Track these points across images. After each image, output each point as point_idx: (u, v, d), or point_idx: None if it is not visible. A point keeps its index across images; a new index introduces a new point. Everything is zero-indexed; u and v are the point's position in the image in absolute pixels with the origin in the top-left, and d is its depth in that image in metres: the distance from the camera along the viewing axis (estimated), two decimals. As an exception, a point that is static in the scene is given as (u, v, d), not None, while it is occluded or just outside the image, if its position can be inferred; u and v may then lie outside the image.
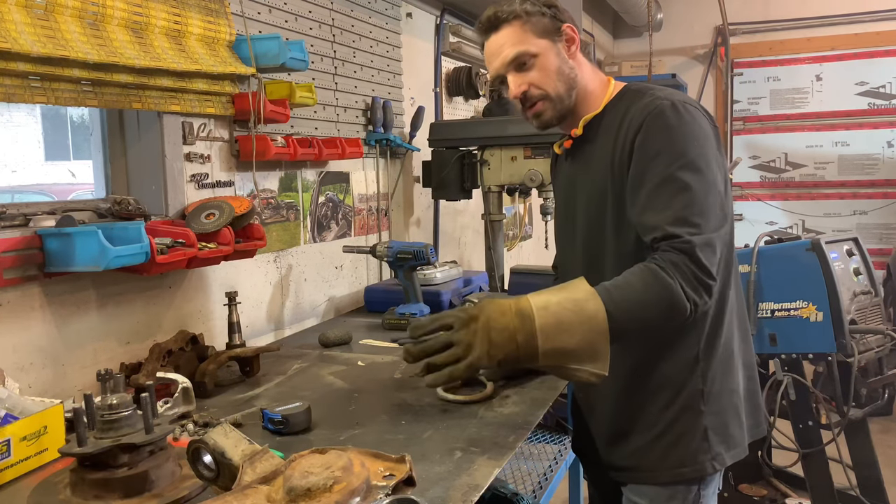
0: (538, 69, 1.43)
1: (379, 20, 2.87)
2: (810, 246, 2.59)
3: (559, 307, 1.24)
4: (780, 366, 2.66)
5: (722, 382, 1.43)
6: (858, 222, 5.69)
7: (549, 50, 1.44)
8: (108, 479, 1.08)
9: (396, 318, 2.24)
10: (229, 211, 1.81)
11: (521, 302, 1.26)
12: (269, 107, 2.03)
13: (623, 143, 1.37)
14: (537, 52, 1.43)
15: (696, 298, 1.25)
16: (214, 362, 1.66)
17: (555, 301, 1.25)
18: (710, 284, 1.26)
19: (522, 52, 1.42)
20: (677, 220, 1.27)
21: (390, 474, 1.03)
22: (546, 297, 1.27)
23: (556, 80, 1.44)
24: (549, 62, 1.43)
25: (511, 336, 1.23)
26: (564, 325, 1.22)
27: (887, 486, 2.78)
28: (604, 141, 1.43)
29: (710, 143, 1.35)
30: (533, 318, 1.23)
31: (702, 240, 1.25)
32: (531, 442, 2.56)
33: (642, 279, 1.26)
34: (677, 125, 1.32)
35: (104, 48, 1.60)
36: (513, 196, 3.22)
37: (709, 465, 1.41)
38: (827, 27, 5.64)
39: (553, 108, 1.46)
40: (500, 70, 1.46)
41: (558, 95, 1.45)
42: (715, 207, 1.30)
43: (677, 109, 1.34)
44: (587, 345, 1.22)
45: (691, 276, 1.24)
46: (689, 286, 1.24)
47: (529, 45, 1.42)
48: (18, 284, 1.51)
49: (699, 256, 1.24)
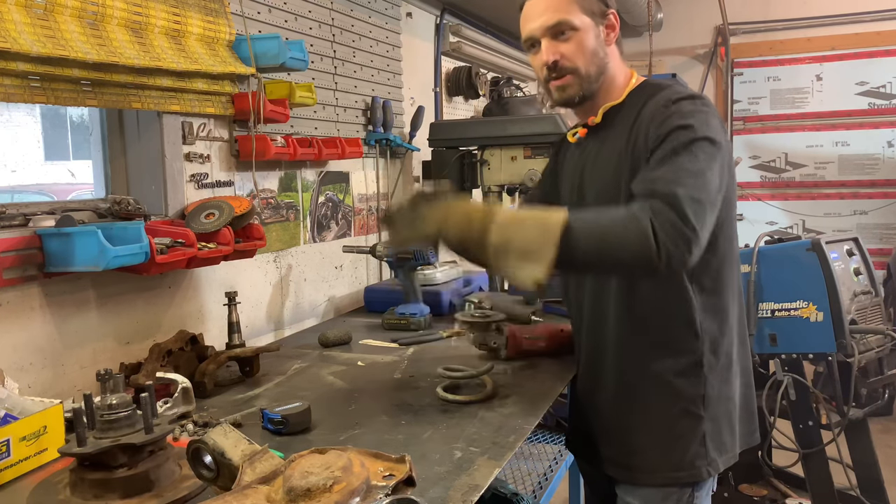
0: (575, 43, 1.41)
1: (379, 20, 2.87)
2: (810, 246, 2.59)
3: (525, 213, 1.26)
4: (780, 366, 2.66)
5: (721, 389, 1.43)
6: (858, 222, 5.68)
7: (591, 29, 1.42)
8: (108, 479, 1.08)
9: (396, 318, 2.24)
10: (229, 211, 1.81)
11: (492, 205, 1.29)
12: (268, 107, 2.03)
13: (638, 134, 1.37)
14: (579, 27, 1.41)
15: (669, 247, 1.17)
16: (214, 362, 1.66)
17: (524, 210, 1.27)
18: (689, 237, 1.18)
19: (565, 20, 1.40)
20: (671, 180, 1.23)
21: (390, 474, 1.03)
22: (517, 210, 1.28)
23: (589, 60, 1.43)
24: (588, 40, 1.42)
25: (467, 218, 1.24)
26: (519, 220, 1.24)
27: (887, 486, 2.78)
28: (619, 131, 1.43)
29: (723, 137, 1.34)
30: (495, 212, 1.25)
31: (690, 194, 1.20)
32: (531, 442, 2.56)
33: (618, 214, 1.24)
34: (696, 111, 1.33)
35: (104, 48, 1.60)
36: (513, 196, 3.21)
37: (704, 470, 1.41)
38: (827, 27, 5.64)
39: (579, 86, 1.44)
40: (535, 32, 1.43)
41: (587, 74, 1.43)
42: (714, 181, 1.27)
43: (695, 100, 1.35)
44: (534, 244, 1.20)
45: (669, 225, 1.17)
46: (663, 232, 1.17)
47: (573, 17, 1.41)
48: (18, 284, 1.51)
49: (683, 208, 1.18)
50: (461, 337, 2.05)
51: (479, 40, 3.66)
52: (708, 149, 1.27)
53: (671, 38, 5.98)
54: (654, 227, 1.17)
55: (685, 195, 1.20)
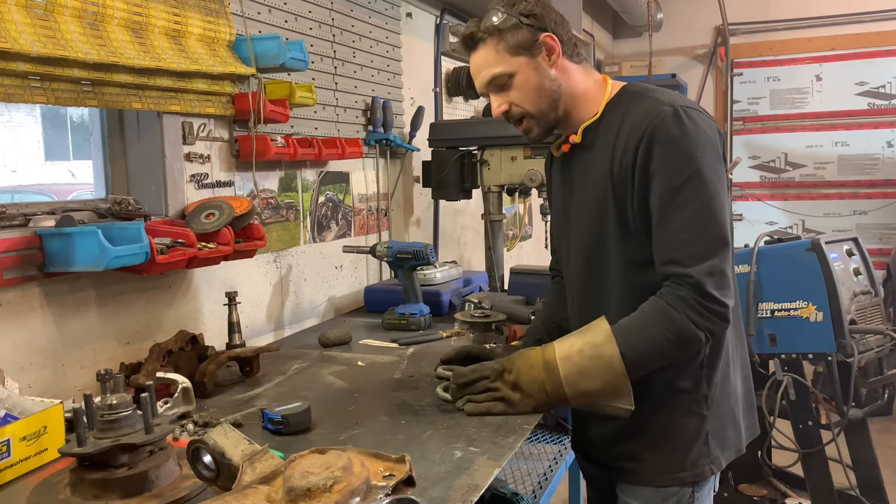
0: (517, 88, 1.41)
1: (379, 20, 2.87)
2: (810, 246, 2.59)
3: (580, 356, 1.34)
4: (780, 366, 2.66)
5: (723, 387, 1.44)
6: (858, 222, 5.69)
7: (527, 66, 1.40)
8: (108, 479, 1.08)
9: (396, 318, 2.24)
10: (229, 211, 1.81)
11: (547, 354, 1.38)
12: (268, 107, 2.03)
13: (624, 152, 1.35)
14: (514, 72, 1.40)
15: (708, 326, 1.29)
16: (214, 362, 1.66)
17: (576, 349, 1.36)
18: (721, 311, 1.30)
19: (498, 73, 1.41)
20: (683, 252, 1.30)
21: (390, 474, 1.03)
22: (569, 345, 1.37)
23: (536, 98, 1.41)
24: (528, 80, 1.40)
25: (541, 387, 1.38)
26: (586, 372, 1.34)
27: (887, 486, 2.78)
28: (602, 147, 1.41)
29: (713, 147, 1.34)
30: (557, 370, 1.35)
31: (707, 269, 1.28)
32: (531, 442, 2.55)
33: (653, 319, 1.32)
34: (679, 136, 1.31)
35: (104, 48, 1.60)
36: (513, 196, 3.21)
37: (708, 468, 1.41)
38: (827, 27, 5.64)
39: (538, 125, 1.45)
40: (481, 90, 1.47)
41: (541, 112, 1.43)
42: (718, 221, 1.31)
43: (679, 116, 1.31)
44: (609, 386, 1.33)
45: (700, 308, 1.28)
46: (698, 317, 1.28)
47: (505, 66, 1.40)
48: (18, 284, 1.51)
49: (705, 287, 1.28)
50: (461, 337, 2.05)
51: (468, 55, 3.66)
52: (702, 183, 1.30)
53: (671, 38, 5.98)
54: (691, 319, 1.29)
55: (704, 272, 1.28)
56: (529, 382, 1.38)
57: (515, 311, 2.13)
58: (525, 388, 1.39)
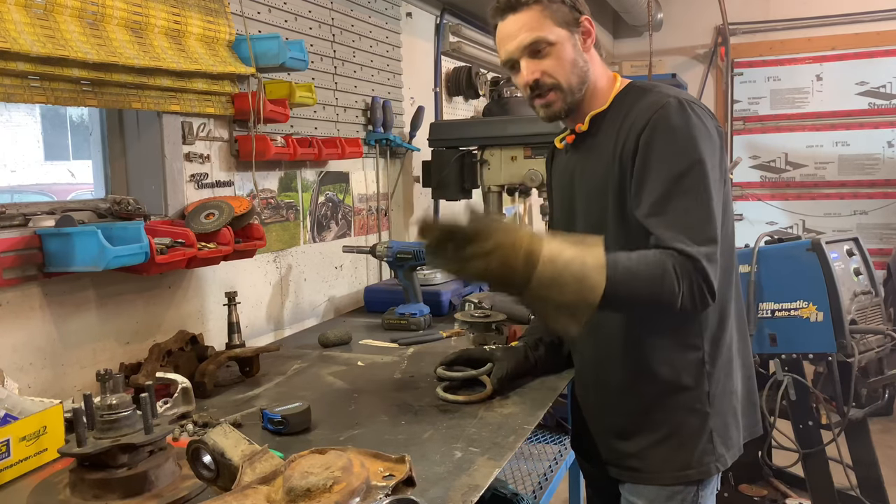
0: (554, 58, 1.40)
1: (379, 20, 2.87)
2: (810, 246, 2.59)
3: (565, 267, 1.22)
4: (780, 366, 2.66)
5: (724, 384, 1.43)
6: (858, 222, 5.68)
7: (567, 40, 1.40)
8: (108, 479, 1.08)
9: (396, 318, 2.24)
10: (229, 211, 1.81)
11: (534, 245, 1.22)
12: (268, 107, 2.03)
13: (626, 139, 1.37)
14: (555, 41, 1.39)
15: (689, 309, 1.29)
16: (214, 362, 1.66)
17: (564, 258, 1.23)
18: (709, 302, 1.30)
19: (540, 37, 1.39)
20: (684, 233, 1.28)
21: (390, 474, 1.03)
22: (558, 249, 1.23)
23: (570, 72, 1.41)
24: (566, 52, 1.40)
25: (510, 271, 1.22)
26: (560, 282, 1.22)
27: (887, 486, 2.78)
28: (606, 136, 1.42)
29: (713, 143, 1.34)
30: (535, 266, 1.21)
31: (706, 252, 1.27)
32: (531, 442, 2.56)
33: (655, 273, 1.26)
34: (683, 125, 1.32)
35: (104, 48, 1.60)
36: (513, 196, 3.21)
37: (713, 466, 1.41)
38: (827, 27, 5.64)
39: (563, 100, 1.43)
40: (513, 53, 1.42)
41: (570, 87, 1.42)
42: (717, 211, 1.31)
43: (683, 108, 1.33)
44: (572, 306, 1.24)
45: (697, 290, 1.27)
46: (690, 297, 1.27)
47: (548, 32, 1.39)
48: (18, 284, 1.51)
49: (707, 272, 1.27)
50: (461, 337, 2.05)
51: (479, 40, 3.66)
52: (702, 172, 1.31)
53: (671, 38, 5.97)
54: (684, 294, 1.27)
55: (705, 255, 1.27)
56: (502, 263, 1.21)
57: (515, 311, 2.13)
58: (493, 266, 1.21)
